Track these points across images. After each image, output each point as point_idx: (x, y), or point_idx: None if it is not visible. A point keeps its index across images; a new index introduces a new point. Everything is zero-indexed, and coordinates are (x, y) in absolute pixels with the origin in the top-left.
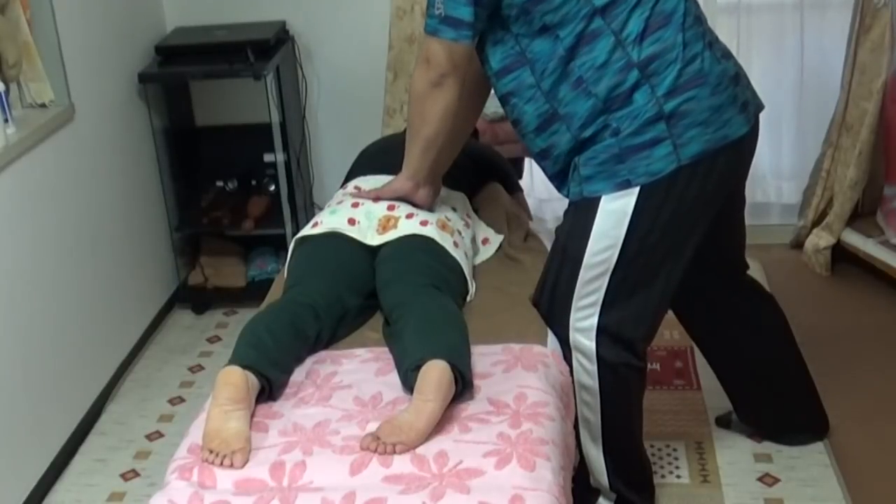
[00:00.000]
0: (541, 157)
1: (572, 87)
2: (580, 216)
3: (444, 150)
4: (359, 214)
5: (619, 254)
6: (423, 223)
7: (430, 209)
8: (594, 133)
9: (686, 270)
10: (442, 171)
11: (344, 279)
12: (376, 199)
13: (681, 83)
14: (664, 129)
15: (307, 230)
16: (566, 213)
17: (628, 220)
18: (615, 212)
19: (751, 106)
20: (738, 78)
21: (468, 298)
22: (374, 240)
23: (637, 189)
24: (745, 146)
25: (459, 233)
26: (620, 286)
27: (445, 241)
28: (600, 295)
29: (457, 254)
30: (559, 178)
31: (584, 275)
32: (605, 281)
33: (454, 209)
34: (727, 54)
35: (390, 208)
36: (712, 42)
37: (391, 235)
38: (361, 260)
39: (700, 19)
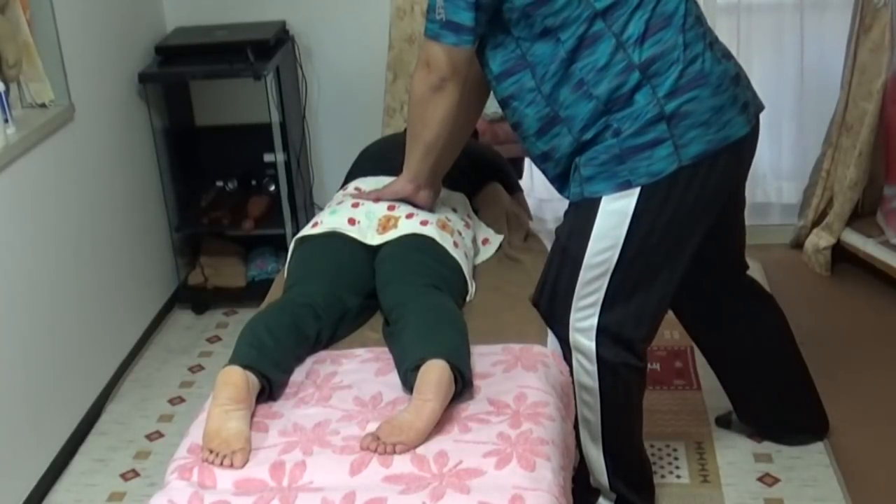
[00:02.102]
0: (542, 160)
1: (573, 90)
2: (581, 216)
3: (444, 152)
4: (359, 214)
5: (620, 254)
6: (424, 223)
7: (431, 210)
8: (595, 134)
9: (686, 271)
10: (442, 173)
11: (344, 279)
12: (377, 199)
13: (682, 84)
14: (665, 130)
15: (307, 230)
16: (566, 213)
17: (629, 220)
18: (616, 212)
19: (751, 106)
20: (739, 78)
21: (468, 298)
22: (374, 239)
23: (638, 190)
24: (745, 147)
25: (459, 233)
26: (620, 286)
27: (445, 241)
28: (600, 295)
29: (457, 254)
30: (560, 181)
31: (584, 275)
32: (605, 281)
33: (454, 210)
34: (727, 55)
35: (390, 208)
36: (713, 42)
37: (391, 235)
38: (361, 260)
39: (700, 20)
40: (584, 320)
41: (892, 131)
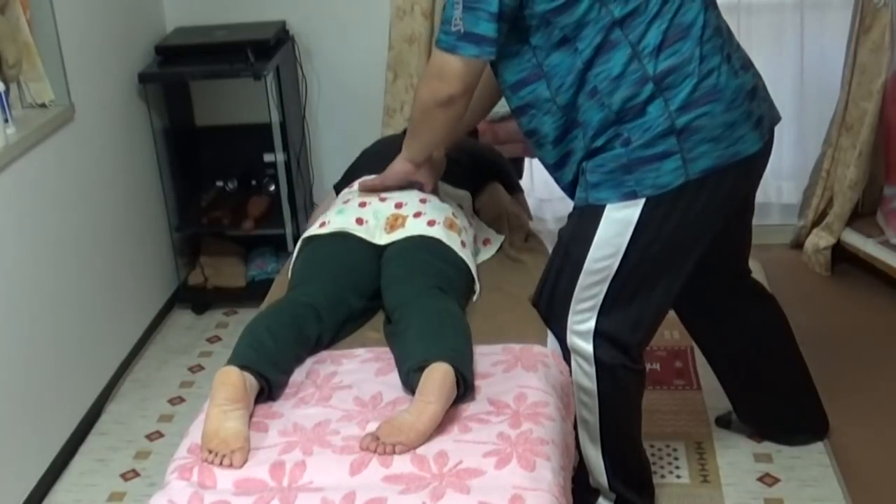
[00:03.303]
0: (556, 168)
1: (587, 97)
2: (584, 222)
3: (444, 144)
4: (367, 214)
5: (621, 262)
6: (431, 223)
7: (433, 189)
8: (605, 142)
9: (688, 279)
10: (441, 152)
11: (349, 280)
12: (381, 182)
13: (695, 98)
14: (675, 144)
15: (314, 230)
16: (571, 215)
17: (632, 230)
18: (619, 221)
19: (766, 120)
20: (756, 91)
21: (474, 298)
22: (382, 239)
23: (643, 200)
24: (756, 162)
25: (465, 231)
26: (619, 293)
27: (453, 241)
28: (599, 300)
29: (464, 254)
30: (573, 188)
31: (583, 280)
32: (604, 287)
33: (461, 206)
34: (746, 65)
35: (398, 206)
36: (731, 54)
37: (398, 235)
38: (368, 260)
39: (720, 30)
40: (582, 323)
41: (892, 131)
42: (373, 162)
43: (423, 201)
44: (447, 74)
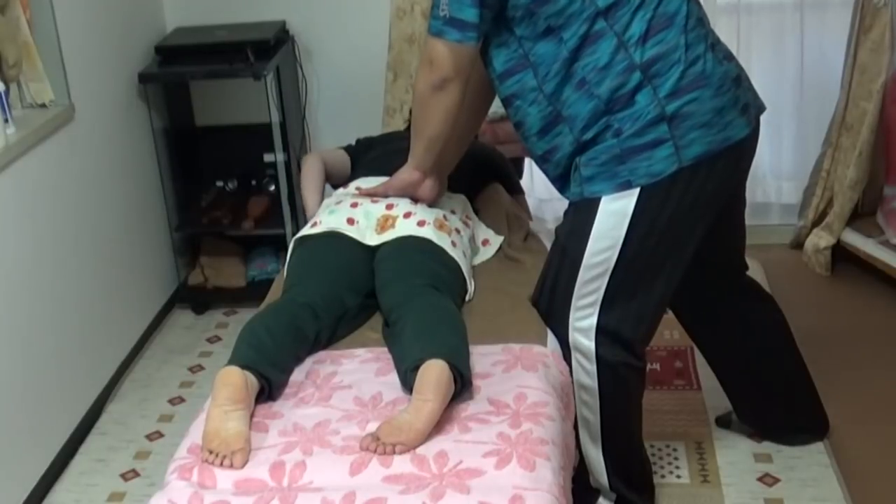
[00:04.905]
0: (543, 161)
1: (575, 89)
2: (580, 216)
3: (448, 147)
4: (357, 214)
5: (619, 255)
6: (421, 223)
7: (431, 205)
8: (596, 134)
9: (686, 271)
10: (448, 169)
11: (343, 279)
12: (384, 190)
13: (683, 85)
14: (666, 131)
15: (306, 230)
16: (566, 212)
17: (628, 221)
18: (615, 213)
19: (752, 108)
20: (740, 80)
21: (467, 298)
22: (372, 239)
23: (637, 190)
24: (745, 148)
25: (458, 231)
26: (620, 287)
27: (443, 241)
28: (599, 295)
29: (455, 253)
30: (561, 181)
31: (583, 275)
32: (604, 281)
33: (453, 211)
34: (729, 56)
35: (388, 207)
36: (714, 44)
37: (389, 235)
38: (360, 259)
39: (702, 21)
40: (584, 320)
41: (892, 131)
42: (374, 164)
43: (414, 202)
44: (437, 59)
